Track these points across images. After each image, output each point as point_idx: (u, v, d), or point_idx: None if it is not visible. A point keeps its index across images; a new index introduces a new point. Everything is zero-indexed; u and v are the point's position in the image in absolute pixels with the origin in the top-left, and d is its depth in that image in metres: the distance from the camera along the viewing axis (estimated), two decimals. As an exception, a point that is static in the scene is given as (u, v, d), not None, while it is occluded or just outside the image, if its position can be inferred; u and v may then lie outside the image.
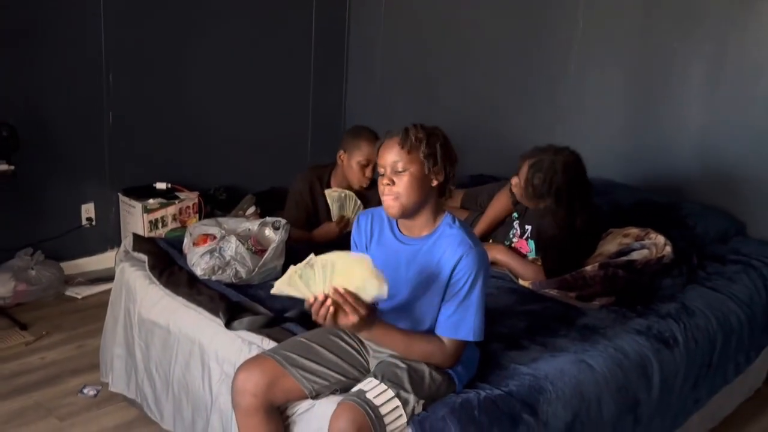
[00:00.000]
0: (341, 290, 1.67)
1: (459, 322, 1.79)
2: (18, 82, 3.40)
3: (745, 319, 2.53)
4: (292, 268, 1.71)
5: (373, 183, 2.71)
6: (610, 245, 2.63)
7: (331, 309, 1.67)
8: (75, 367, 2.89)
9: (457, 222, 1.84)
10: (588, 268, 2.48)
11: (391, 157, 1.77)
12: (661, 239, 2.59)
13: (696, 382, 2.33)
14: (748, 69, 3.08)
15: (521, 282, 2.53)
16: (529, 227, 2.58)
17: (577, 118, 3.60)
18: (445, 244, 1.79)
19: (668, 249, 2.57)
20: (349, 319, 1.67)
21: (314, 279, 1.69)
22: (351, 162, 2.81)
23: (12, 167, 3.14)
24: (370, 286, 1.68)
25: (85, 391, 2.68)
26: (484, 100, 4.03)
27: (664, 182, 3.34)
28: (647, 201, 3.13)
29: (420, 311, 1.86)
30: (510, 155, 2.99)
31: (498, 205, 2.75)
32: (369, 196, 2.83)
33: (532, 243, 2.58)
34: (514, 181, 2.57)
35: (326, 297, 1.68)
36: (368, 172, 2.74)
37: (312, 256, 1.73)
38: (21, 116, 3.29)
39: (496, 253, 2.60)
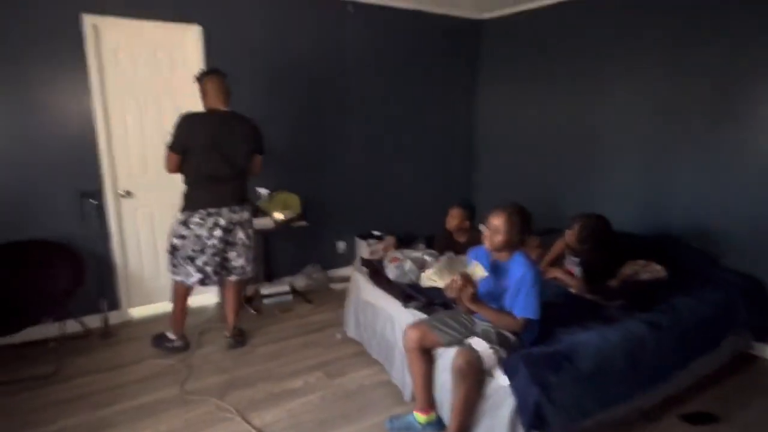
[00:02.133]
0: (463, 275, 1.95)
1: (525, 307, 2.00)
2: (306, 180, 4.02)
3: (710, 316, 2.64)
4: (429, 270, 2.03)
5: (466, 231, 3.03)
6: (626, 269, 2.91)
7: (457, 285, 1.93)
8: (333, 322, 3.38)
9: (523, 254, 2.09)
10: (611, 282, 2.83)
11: (498, 223, 2.06)
12: (657, 267, 2.89)
13: (675, 351, 2.43)
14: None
15: (571, 290, 2.80)
16: (576, 259, 2.90)
17: (607, 192, 3.77)
18: (516, 265, 2.07)
19: (663, 273, 2.87)
20: (467, 292, 1.93)
21: (446, 271, 2.00)
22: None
23: (306, 223, 3.77)
24: (478, 272, 1.97)
25: (337, 335, 3.19)
26: (551, 185, 4.22)
27: (662, 231, 3.44)
28: (650, 243, 3.20)
29: (501, 301, 2.08)
30: (563, 216, 3.32)
31: (558, 246, 3.05)
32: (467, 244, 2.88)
33: (578, 269, 2.87)
34: (568, 233, 2.84)
35: (455, 280, 1.95)
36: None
37: (445, 257, 2.03)
38: (311, 197, 3.94)
39: (556, 273, 2.90)
